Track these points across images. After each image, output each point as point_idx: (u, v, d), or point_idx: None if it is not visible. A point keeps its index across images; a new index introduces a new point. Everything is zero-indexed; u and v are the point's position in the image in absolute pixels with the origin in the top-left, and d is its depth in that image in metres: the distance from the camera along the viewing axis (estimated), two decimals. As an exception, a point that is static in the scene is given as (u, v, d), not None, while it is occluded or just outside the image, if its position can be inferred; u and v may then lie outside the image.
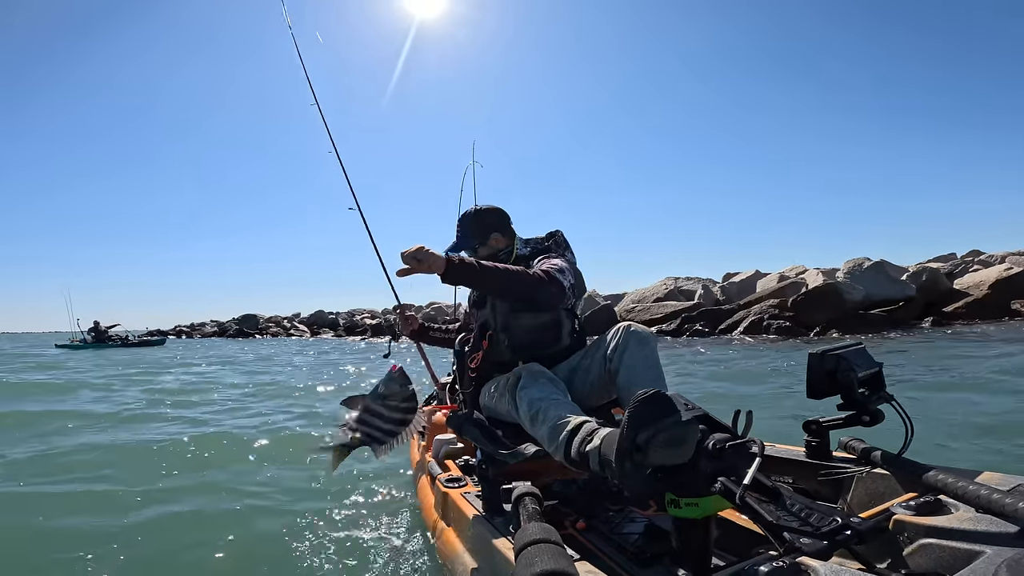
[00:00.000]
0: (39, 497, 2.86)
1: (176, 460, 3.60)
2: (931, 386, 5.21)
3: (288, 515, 2.48)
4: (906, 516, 1.02)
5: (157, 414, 5.55)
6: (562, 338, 1.94)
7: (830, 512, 1.19)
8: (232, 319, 43.29)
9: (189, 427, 4.81)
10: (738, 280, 18.95)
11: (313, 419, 5.12)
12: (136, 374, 10.50)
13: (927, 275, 16.07)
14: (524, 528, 1.05)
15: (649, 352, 1.69)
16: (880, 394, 1.48)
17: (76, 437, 4.40)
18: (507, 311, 1.92)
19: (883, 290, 15.24)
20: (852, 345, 1.53)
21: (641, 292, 20.02)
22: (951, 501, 1.06)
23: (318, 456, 3.43)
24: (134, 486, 2.96)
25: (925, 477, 1.17)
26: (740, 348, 11.64)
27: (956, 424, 3.59)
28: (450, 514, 1.65)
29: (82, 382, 8.85)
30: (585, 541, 1.38)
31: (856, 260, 15.83)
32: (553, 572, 0.88)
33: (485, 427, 1.67)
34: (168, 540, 2.27)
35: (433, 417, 2.40)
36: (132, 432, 4.61)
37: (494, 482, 1.52)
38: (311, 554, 2.05)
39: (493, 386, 1.83)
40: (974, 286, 15.53)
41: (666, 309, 17.50)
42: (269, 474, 3.24)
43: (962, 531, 0.93)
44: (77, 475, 3.23)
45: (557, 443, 1.38)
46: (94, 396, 7.13)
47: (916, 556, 0.97)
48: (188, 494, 2.88)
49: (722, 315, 16.30)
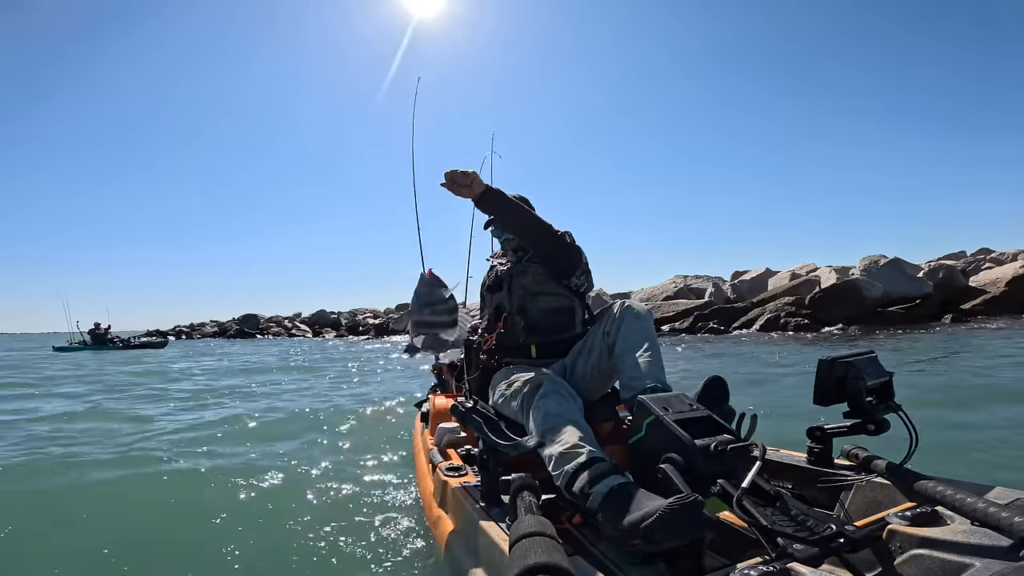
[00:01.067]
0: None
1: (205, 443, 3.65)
2: (962, 391, 5.07)
3: (287, 499, 2.52)
4: (900, 526, 1.02)
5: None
6: (575, 325, 1.97)
7: (826, 519, 1.19)
8: (232, 319, 43.02)
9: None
10: (749, 278, 18.81)
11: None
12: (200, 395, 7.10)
13: (944, 272, 15.86)
14: (520, 520, 1.06)
15: (645, 324, 1.71)
16: (888, 403, 1.48)
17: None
18: (523, 293, 1.96)
19: (900, 287, 15.06)
20: (864, 353, 1.52)
21: (650, 290, 19.99)
22: (948, 513, 1.06)
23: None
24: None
25: (924, 488, 1.17)
26: (757, 345, 11.55)
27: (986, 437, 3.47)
28: (449, 503, 1.67)
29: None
30: (580, 536, 1.39)
31: (872, 257, 15.63)
32: (546, 565, 0.89)
33: (489, 417, 1.68)
34: (162, 523, 2.32)
35: (437, 404, 2.42)
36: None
37: (494, 473, 1.53)
38: (309, 538, 2.09)
39: (506, 386, 1.79)
40: (990, 283, 15.32)
41: (678, 307, 17.45)
42: (274, 456, 3.30)
43: (955, 543, 0.93)
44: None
45: (563, 471, 1.35)
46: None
47: (907, 566, 0.97)
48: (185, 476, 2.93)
49: (735, 312, 16.22)
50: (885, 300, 14.76)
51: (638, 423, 1.36)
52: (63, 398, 6.65)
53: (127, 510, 2.55)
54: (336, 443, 3.68)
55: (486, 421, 1.66)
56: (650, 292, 19.82)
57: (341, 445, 3.61)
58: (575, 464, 1.33)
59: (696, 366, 7.93)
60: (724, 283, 19.39)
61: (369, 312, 37.88)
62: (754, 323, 15.09)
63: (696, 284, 19.29)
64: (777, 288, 16.79)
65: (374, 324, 30.75)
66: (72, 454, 3.48)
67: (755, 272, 19.22)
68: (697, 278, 19.86)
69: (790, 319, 14.46)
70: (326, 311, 39.57)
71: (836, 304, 14.26)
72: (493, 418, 1.69)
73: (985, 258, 18.79)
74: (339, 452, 3.44)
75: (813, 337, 12.39)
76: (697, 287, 19.11)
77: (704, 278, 19.90)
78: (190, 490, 2.71)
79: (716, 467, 1.16)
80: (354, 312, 38.93)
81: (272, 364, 12.25)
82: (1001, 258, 18.28)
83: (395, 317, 30.43)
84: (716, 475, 1.16)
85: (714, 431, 1.28)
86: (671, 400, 1.38)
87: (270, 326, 39.01)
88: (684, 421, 1.27)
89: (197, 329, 44.37)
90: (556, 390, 1.61)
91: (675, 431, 1.22)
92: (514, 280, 1.98)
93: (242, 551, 2.02)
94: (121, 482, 2.87)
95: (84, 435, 4.13)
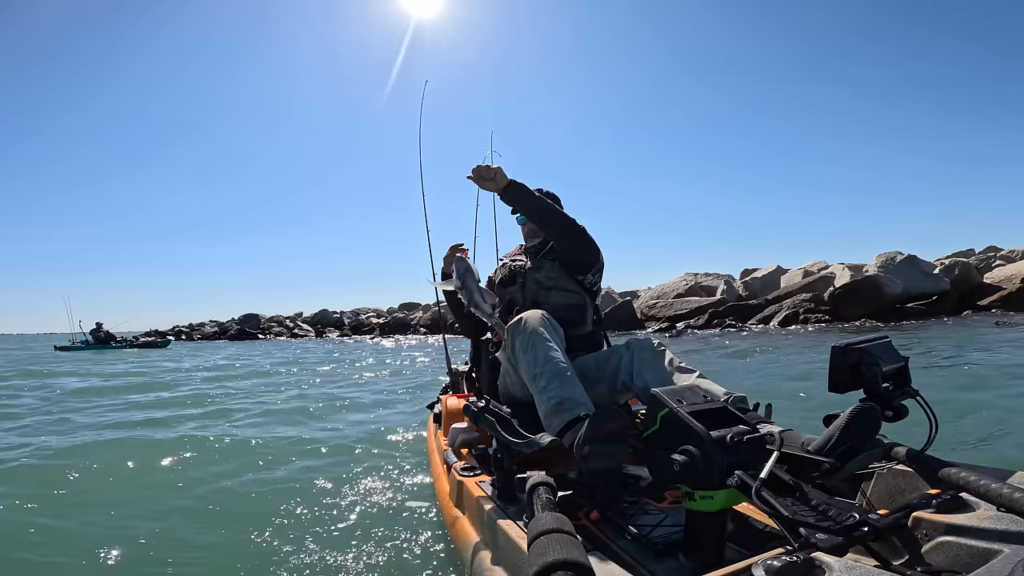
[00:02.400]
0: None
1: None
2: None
3: (304, 499, 2.53)
4: (925, 513, 1.01)
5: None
6: (586, 322, 2.00)
7: (848, 508, 1.18)
8: (232, 319, 41.86)
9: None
10: (760, 275, 18.79)
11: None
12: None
13: (959, 269, 15.76)
14: (537, 517, 1.06)
15: (657, 360, 1.72)
16: (905, 389, 1.45)
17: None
18: (536, 287, 1.98)
19: (919, 284, 15.07)
20: (878, 338, 1.50)
21: (660, 288, 19.95)
22: (973, 499, 1.04)
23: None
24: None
25: (947, 474, 1.15)
26: (782, 340, 11.47)
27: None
28: (464, 502, 1.67)
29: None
30: (598, 532, 1.38)
31: (888, 254, 15.56)
32: (565, 562, 0.88)
33: (501, 415, 1.68)
34: (172, 523, 2.34)
35: (449, 404, 2.42)
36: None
37: (509, 471, 1.53)
38: (325, 538, 2.10)
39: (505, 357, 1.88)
40: (1005, 280, 15.23)
41: (691, 304, 17.42)
42: (291, 461, 3.31)
43: (981, 529, 0.91)
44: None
45: (552, 424, 1.54)
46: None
47: (934, 554, 0.95)
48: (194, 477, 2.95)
49: (750, 309, 16.19)
50: (904, 296, 14.73)
51: (652, 416, 1.35)
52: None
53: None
54: (358, 447, 3.69)
55: (499, 420, 1.66)
56: (660, 290, 19.77)
57: (362, 449, 3.62)
58: (560, 421, 1.53)
59: (743, 372, 7.57)
60: (735, 281, 19.36)
61: (372, 311, 37.60)
62: (771, 319, 15.03)
63: (706, 282, 19.25)
64: (791, 285, 16.78)
65: (379, 323, 30.67)
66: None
67: (766, 269, 19.21)
68: (707, 276, 19.83)
69: (810, 315, 14.43)
70: (328, 311, 38.94)
71: (857, 300, 14.23)
72: (506, 416, 1.68)
73: (995, 255, 18.70)
74: (353, 456, 3.44)
75: (839, 330, 12.29)
76: (708, 284, 19.08)
77: (714, 276, 19.87)
78: (196, 488, 2.73)
79: (732, 458, 1.14)
80: (356, 312, 38.58)
81: (317, 361, 12.25)
82: (1011, 255, 18.25)
83: (401, 316, 30.49)
84: (733, 466, 1.14)
85: (730, 422, 1.27)
86: (684, 392, 1.37)
87: (272, 326, 38.30)
88: (698, 413, 1.26)
89: (196, 329, 43.39)
90: (538, 327, 1.70)
91: (690, 423, 1.20)
92: (528, 275, 2.01)
93: (252, 548, 2.03)
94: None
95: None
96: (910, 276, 15.08)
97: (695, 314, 16.94)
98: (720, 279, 19.38)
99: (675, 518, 1.42)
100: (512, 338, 1.71)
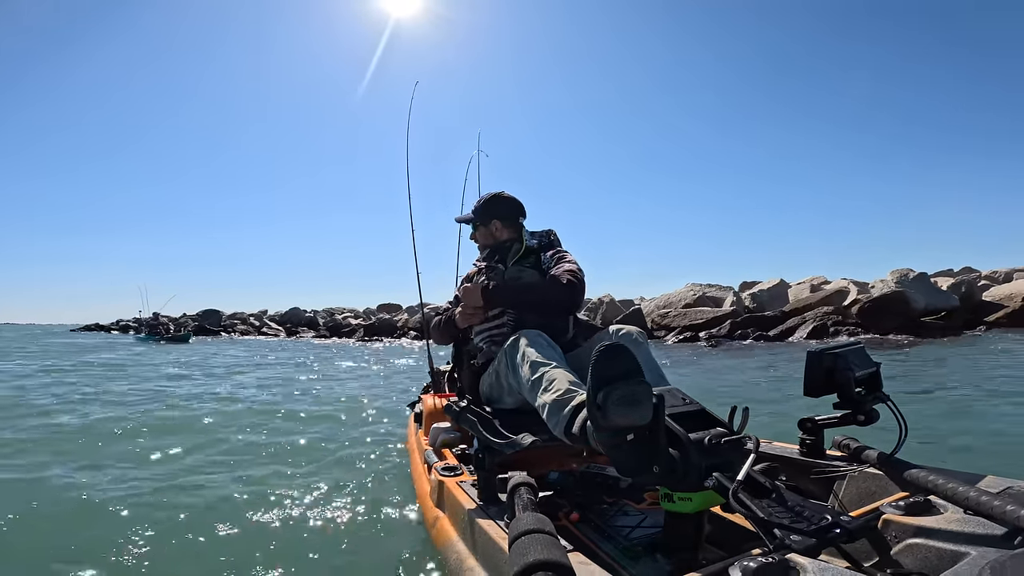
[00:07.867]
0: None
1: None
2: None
3: (282, 500, 2.50)
4: (895, 516, 1.03)
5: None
6: (568, 329, 1.99)
7: (821, 510, 1.20)
8: (185, 314, 40.02)
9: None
10: (766, 288, 19.17)
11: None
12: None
13: (965, 287, 16.50)
14: (518, 518, 1.06)
15: (644, 352, 1.71)
16: (876, 394, 1.50)
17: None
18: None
19: (933, 300, 15.61)
20: (850, 344, 1.54)
21: (665, 297, 20.04)
22: (941, 502, 1.07)
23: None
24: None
25: (916, 477, 1.18)
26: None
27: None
28: (445, 503, 1.67)
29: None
30: (578, 533, 1.39)
31: (901, 270, 16.12)
32: (545, 562, 0.89)
33: (483, 415, 1.69)
34: (157, 522, 2.29)
35: (430, 404, 2.42)
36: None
37: (490, 471, 1.53)
38: (304, 539, 2.08)
39: (491, 365, 1.85)
40: (1006, 298, 15.85)
41: (706, 315, 17.44)
42: (269, 462, 3.27)
43: (949, 532, 0.94)
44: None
45: (559, 418, 1.37)
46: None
47: (903, 556, 0.98)
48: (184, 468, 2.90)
49: (768, 321, 16.35)
50: (926, 311, 15.29)
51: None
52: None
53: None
54: (342, 444, 3.66)
55: (480, 420, 1.66)
56: (666, 299, 19.77)
57: (343, 447, 3.59)
58: (571, 408, 1.35)
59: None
60: (743, 292, 19.59)
61: (348, 311, 35.77)
62: (793, 332, 15.24)
63: (713, 293, 19.39)
64: (808, 298, 17.20)
65: (363, 325, 29.02)
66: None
67: (770, 283, 19.64)
68: (711, 287, 20.00)
69: (839, 327, 14.72)
70: (300, 309, 36.23)
71: (886, 313, 14.60)
72: (488, 416, 1.69)
73: (980, 276, 19.36)
74: (336, 455, 3.41)
75: (868, 340, 12.36)
76: (715, 295, 19.23)
77: (717, 287, 20.08)
78: (175, 493, 2.68)
79: (711, 460, 1.16)
80: (331, 311, 36.32)
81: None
82: (995, 276, 18.98)
83: (386, 318, 29.51)
84: (711, 468, 1.16)
85: (708, 425, 1.29)
86: (664, 395, 1.39)
87: (235, 323, 36.15)
88: (678, 415, 1.27)
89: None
90: (535, 341, 1.66)
91: (669, 425, 1.22)
92: (508, 279, 2.00)
93: (231, 552, 2.00)
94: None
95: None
96: (925, 292, 15.66)
97: (713, 324, 16.87)
98: (727, 291, 19.58)
99: (654, 519, 1.44)
100: (510, 357, 1.69)
